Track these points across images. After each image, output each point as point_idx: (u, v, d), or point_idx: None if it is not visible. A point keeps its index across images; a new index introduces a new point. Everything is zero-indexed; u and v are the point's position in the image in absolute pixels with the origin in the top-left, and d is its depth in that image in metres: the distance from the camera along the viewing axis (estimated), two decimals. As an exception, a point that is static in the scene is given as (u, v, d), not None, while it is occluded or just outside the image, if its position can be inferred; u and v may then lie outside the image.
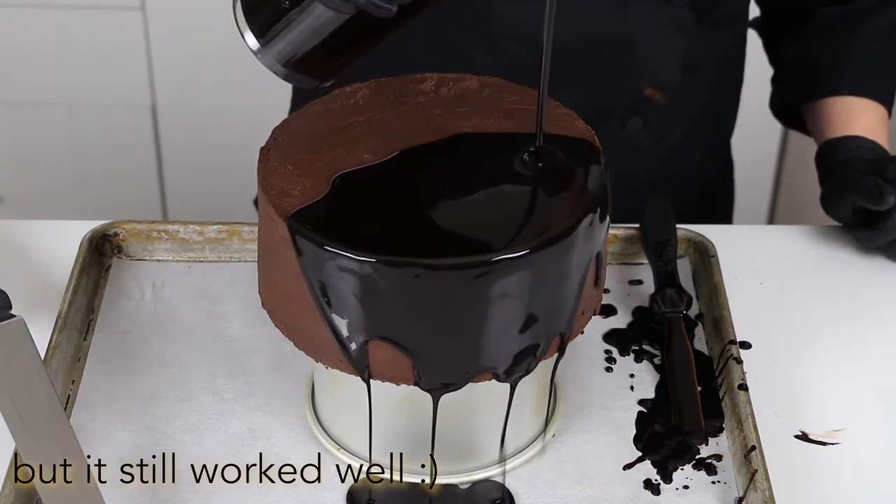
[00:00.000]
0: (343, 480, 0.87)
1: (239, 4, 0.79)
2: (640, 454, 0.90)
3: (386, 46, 0.78)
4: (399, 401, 0.84)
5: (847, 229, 1.10)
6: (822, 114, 1.15)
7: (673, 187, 1.10)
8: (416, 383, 0.80)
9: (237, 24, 0.78)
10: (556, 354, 0.83)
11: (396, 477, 0.87)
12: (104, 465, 0.88)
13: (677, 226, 1.06)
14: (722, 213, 1.34)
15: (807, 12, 1.18)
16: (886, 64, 1.17)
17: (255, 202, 1.33)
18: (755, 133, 2.08)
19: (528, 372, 0.81)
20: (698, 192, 1.26)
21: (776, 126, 2.13)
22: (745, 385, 0.91)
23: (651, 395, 0.95)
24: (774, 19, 1.23)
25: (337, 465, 0.88)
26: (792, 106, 1.21)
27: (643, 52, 1.11)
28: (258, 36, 0.78)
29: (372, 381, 0.81)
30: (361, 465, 0.87)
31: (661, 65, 1.13)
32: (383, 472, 0.87)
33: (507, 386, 0.81)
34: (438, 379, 0.80)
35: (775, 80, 1.23)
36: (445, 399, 0.81)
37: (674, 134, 1.18)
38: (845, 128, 1.12)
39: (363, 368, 0.80)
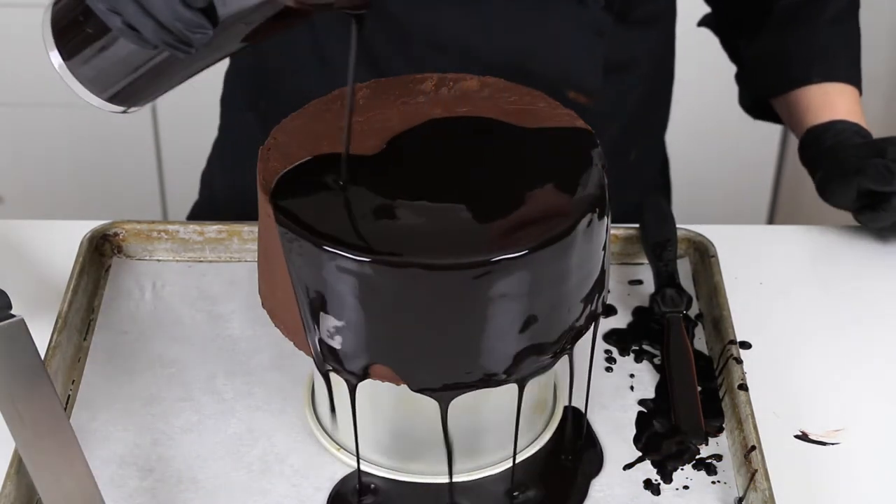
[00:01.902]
0: (341, 481, 0.87)
1: (48, 22, 0.78)
2: (640, 454, 0.90)
3: (318, 61, 0.77)
4: (398, 401, 0.84)
5: (843, 229, 1.10)
6: (799, 103, 1.15)
7: (611, 188, 1.09)
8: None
9: (44, 42, 0.78)
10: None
11: (394, 476, 0.87)
12: (104, 465, 0.88)
13: (677, 226, 1.06)
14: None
15: (763, 9, 1.19)
16: (848, 46, 1.18)
17: (192, 208, 1.33)
18: (755, 133, 2.08)
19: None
20: (636, 191, 1.26)
21: (776, 126, 2.13)
22: (745, 385, 0.91)
23: (651, 395, 0.95)
24: (730, 17, 1.23)
25: (336, 466, 0.88)
26: (761, 100, 1.21)
27: (563, 56, 1.10)
28: (65, 57, 0.78)
29: (371, 381, 0.81)
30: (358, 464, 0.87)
31: (582, 68, 1.11)
32: (381, 471, 0.87)
33: (506, 386, 0.81)
34: (439, 380, 0.80)
35: (740, 77, 1.23)
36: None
37: (605, 135, 1.17)
38: (826, 113, 1.13)
39: (363, 369, 0.80)
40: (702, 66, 1.58)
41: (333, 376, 0.83)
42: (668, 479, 0.88)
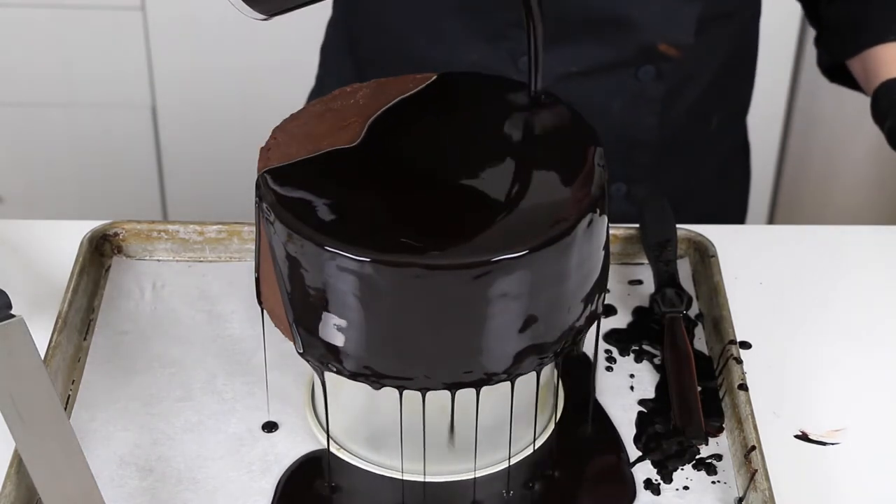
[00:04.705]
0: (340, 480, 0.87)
1: None
2: (640, 454, 0.90)
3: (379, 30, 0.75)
4: (394, 400, 0.84)
5: (843, 229, 1.10)
6: (875, 60, 1.17)
7: (691, 151, 1.10)
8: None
9: None
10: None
11: (391, 474, 0.87)
12: (104, 465, 0.88)
13: (677, 226, 1.06)
14: (739, 192, 1.35)
15: None
16: None
17: None
18: (755, 133, 2.07)
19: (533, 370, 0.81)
20: (714, 162, 1.27)
21: (776, 126, 2.13)
22: (745, 385, 0.91)
23: (651, 395, 0.95)
24: None
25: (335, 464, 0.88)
26: (838, 62, 1.24)
27: (660, 9, 1.14)
28: None
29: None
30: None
31: (677, 23, 1.15)
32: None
33: (506, 386, 0.81)
34: (439, 379, 0.80)
35: (819, 40, 1.26)
36: (442, 398, 0.81)
37: (688, 91, 1.21)
38: None
39: (360, 368, 0.80)
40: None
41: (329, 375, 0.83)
42: (668, 479, 0.88)
